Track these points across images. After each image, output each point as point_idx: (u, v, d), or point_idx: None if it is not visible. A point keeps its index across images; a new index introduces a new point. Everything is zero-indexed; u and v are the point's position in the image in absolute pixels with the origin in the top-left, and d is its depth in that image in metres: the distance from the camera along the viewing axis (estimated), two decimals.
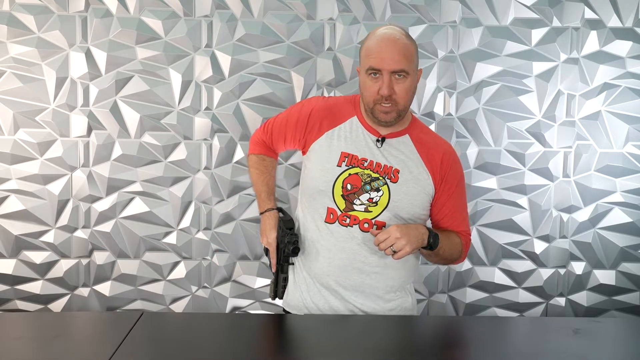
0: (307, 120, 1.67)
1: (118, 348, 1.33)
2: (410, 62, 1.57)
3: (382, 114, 1.59)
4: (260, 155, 1.86)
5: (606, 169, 2.56)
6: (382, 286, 1.66)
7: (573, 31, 2.52)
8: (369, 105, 1.60)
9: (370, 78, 1.57)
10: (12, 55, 2.43)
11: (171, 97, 2.49)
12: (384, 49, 1.55)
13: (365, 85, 1.59)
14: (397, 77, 1.56)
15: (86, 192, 2.51)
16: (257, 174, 1.84)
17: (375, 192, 1.61)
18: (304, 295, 1.68)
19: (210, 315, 2.11)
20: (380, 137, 1.64)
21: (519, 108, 2.53)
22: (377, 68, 1.55)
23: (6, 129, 2.46)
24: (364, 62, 1.59)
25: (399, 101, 1.58)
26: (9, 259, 2.52)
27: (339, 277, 1.64)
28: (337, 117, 1.67)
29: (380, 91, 1.55)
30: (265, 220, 1.76)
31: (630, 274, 2.62)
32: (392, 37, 1.56)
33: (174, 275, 2.58)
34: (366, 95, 1.60)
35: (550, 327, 1.54)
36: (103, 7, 2.44)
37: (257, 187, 1.84)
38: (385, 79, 1.55)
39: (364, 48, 1.60)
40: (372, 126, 1.66)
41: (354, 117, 1.67)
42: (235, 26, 2.48)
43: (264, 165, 1.84)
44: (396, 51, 1.54)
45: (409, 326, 1.62)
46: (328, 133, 1.65)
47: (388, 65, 1.54)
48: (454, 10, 2.50)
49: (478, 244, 2.60)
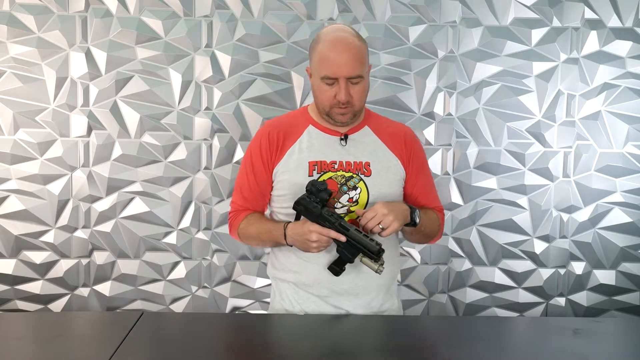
0: (269, 145, 1.65)
1: (118, 348, 1.33)
2: (364, 65, 1.58)
3: (339, 116, 1.60)
4: (247, 217, 1.69)
5: (606, 169, 2.56)
6: (374, 286, 1.65)
7: (573, 31, 2.52)
8: (325, 108, 1.60)
9: (325, 84, 1.57)
10: (12, 55, 2.43)
11: (171, 97, 2.49)
12: (339, 57, 1.54)
13: (320, 90, 1.59)
14: (353, 82, 1.56)
15: (86, 192, 2.51)
16: (254, 225, 1.66)
17: (353, 191, 1.61)
18: (294, 304, 1.67)
19: (210, 315, 2.11)
20: (342, 135, 1.65)
21: (519, 108, 2.54)
22: (333, 77, 1.55)
23: (6, 129, 2.46)
24: (318, 69, 1.57)
25: (355, 104, 1.59)
26: (9, 259, 2.52)
27: (330, 283, 1.62)
28: (292, 133, 1.67)
29: (338, 97, 1.55)
30: (293, 231, 1.57)
31: (630, 274, 2.62)
32: (345, 40, 1.56)
33: (174, 275, 2.58)
34: (322, 100, 1.60)
35: (550, 327, 1.54)
36: (103, 7, 2.44)
37: (262, 229, 1.64)
38: (342, 85, 1.55)
39: (316, 52, 1.58)
40: (331, 128, 1.66)
41: (309, 127, 1.67)
42: (235, 26, 2.48)
43: (255, 217, 1.68)
44: (351, 57, 1.54)
45: (409, 326, 1.62)
46: (289, 151, 1.65)
47: (344, 72, 1.54)
48: (454, 10, 2.50)
49: (478, 244, 2.60)
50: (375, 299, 1.66)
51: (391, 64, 2.50)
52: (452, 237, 2.60)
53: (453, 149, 2.55)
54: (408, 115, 2.52)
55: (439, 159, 2.55)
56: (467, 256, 2.61)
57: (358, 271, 1.62)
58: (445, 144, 2.55)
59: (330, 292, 1.63)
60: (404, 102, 2.52)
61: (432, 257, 2.61)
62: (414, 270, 2.61)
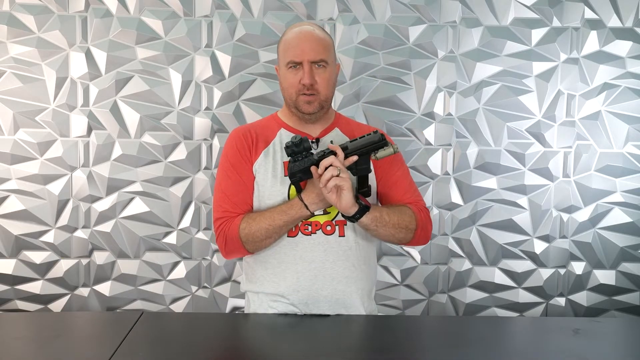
0: (245, 143, 1.65)
1: (118, 348, 1.33)
2: (329, 53, 1.61)
3: (305, 105, 1.61)
4: (244, 218, 1.61)
5: (606, 169, 2.56)
6: (354, 290, 1.64)
7: (573, 31, 2.52)
8: (292, 97, 1.62)
9: (291, 71, 1.60)
10: (12, 55, 2.43)
11: (171, 97, 2.49)
12: (303, 41, 1.58)
13: (286, 79, 1.62)
14: (317, 67, 1.59)
15: (86, 192, 2.51)
16: (260, 218, 1.58)
17: None
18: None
19: (210, 315, 2.11)
20: (314, 139, 1.67)
21: (519, 108, 2.54)
22: (297, 61, 1.58)
23: (6, 129, 2.46)
24: (283, 57, 1.62)
25: (320, 90, 1.61)
26: (9, 259, 2.52)
27: (310, 290, 1.61)
28: (265, 136, 1.68)
29: (302, 80, 1.58)
30: (310, 197, 1.54)
31: (630, 274, 2.62)
32: (309, 30, 1.61)
33: (174, 275, 2.58)
34: (287, 88, 1.62)
35: (550, 327, 1.54)
36: (103, 7, 2.44)
37: (274, 216, 1.57)
38: (305, 68, 1.57)
39: (281, 44, 1.63)
40: (303, 130, 1.68)
41: (281, 130, 1.69)
42: (235, 26, 2.48)
43: (254, 214, 1.61)
44: (315, 42, 1.59)
45: (409, 326, 1.62)
46: (264, 152, 1.65)
47: (308, 55, 1.57)
48: (454, 10, 2.50)
49: (478, 244, 2.60)
50: (356, 304, 1.65)
51: (391, 64, 2.50)
52: (452, 237, 2.60)
53: (453, 149, 2.55)
54: (408, 115, 2.53)
55: (439, 159, 2.55)
56: (467, 256, 2.61)
57: (338, 276, 1.62)
58: (445, 144, 2.55)
59: (310, 298, 1.61)
60: (404, 102, 2.52)
61: (432, 257, 2.61)
62: (414, 270, 2.61)
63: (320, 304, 1.62)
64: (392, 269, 2.60)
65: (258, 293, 1.67)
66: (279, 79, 1.68)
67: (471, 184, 2.56)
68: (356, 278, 1.64)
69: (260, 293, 1.66)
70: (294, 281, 1.61)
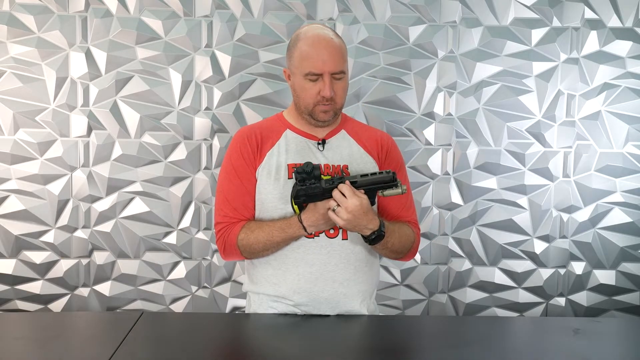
0: (249, 146, 1.64)
1: (118, 348, 1.33)
2: (346, 61, 1.61)
3: (322, 114, 1.61)
4: (244, 227, 1.62)
5: (606, 169, 2.56)
6: (355, 292, 1.64)
7: (573, 31, 2.52)
8: (309, 107, 1.61)
9: (309, 81, 1.58)
10: (12, 55, 2.43)
11: (171, 97, 2.49)
12: (323, 52, 1.56)
13: (304, 89, 1.60)
14: (336, 77, 1.58)
15: (86, 192, 2.51)
16: (259, 230, 1.59)
17: None
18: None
19: (210, 315, 2.11)
20: (320, 140, 1.66)
21: (519, 108, 2.54)
22: (317, 72, 1.56)
23: (6, 129, 2.46)
24: (300, 66, 1.58)
25: (337, 101, 1.60)
26: (9, 259, 2.52)
27: (311, 292, 1.60)
28: (269, 136, 1.67)
29: (323, 93, 1.56)
30: (310, 219, 1.54)
31: (630, 274, 2.62)
32: (327, 37, 1.58)
33: (174, 275, 2.58)
34: (305, 98, 1.60)
35: (550, 327, 1.54)
36: (103, 7, 2.44)
37: (272, 231, 1.58)
38: (326, 80, 1.56)
39: (297, 50, 1.60)
40: (309, 132, 1.67)
41: (286, 131, 1.68)
42: (235, 26, 2.48)
43: (254, 224, 1.62)
44: (334, 51, 1.57)
45: (408, 326, 1.62)
46: (269, 153, 1.64)
47: (328, 67, 1.55)
48: (454, 10, 2.50)
49: (478, 244, 2.60)
50: (356, 306, 1.64)
51: (391, 64, 2.50)
52: (452, 237, 2.60)
53: (453, 149, 2.55)
54: (408, 115, 2.53)
55: (439, 159, 2.55)
56: (467, 256, 2.61)
57: (340, 279, 1.61)
58: (445, 144, 2.55)
59: (311, 300, 1.61)
60: (404, 102, 2.52)
61: (432, 257, 2.61)
62: (414, 270, 2.61)
63: (321, 305, 1.62)
64: (392, 269, 2.60)
65: (259, 294, 1.66)
66: (289, 83, 1.65)
67: (471, 184, 2.56)
68: (357, 281, 1.64)
69: (261, 294, 1.66)
70: (295, 283, 1.61)
